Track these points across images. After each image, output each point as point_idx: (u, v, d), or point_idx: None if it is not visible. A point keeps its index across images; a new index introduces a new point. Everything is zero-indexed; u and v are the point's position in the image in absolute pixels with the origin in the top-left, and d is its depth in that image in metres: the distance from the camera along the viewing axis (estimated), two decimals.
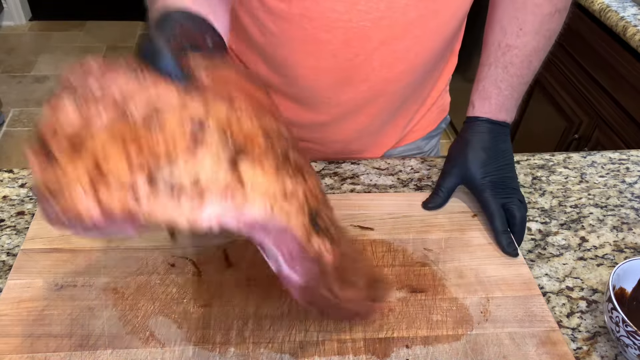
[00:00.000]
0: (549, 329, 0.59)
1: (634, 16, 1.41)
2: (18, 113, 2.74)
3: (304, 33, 0.68)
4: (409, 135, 0.90)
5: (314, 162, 0.83)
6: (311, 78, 0.73)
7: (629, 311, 0.60)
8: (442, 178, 0.74)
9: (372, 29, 0.67)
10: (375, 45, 0.69)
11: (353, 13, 0.65)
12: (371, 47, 0.69)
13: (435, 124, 0.94)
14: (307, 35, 0.68)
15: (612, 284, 0.57)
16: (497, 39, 0.73)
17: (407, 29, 0.68)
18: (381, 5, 0.65)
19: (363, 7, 0.65)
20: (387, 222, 0.71)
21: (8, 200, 0.73)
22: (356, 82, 0.73)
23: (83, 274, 0.61)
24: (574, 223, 0.76)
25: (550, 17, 0.72)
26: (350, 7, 0.65)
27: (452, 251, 0.68)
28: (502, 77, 0.72)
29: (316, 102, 0.77)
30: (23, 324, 0.56)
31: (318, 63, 0.71)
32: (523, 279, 0.65)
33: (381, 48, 0.69)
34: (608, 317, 0.56)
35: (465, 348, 0.57)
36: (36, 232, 0.66)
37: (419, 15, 0.67)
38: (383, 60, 0.71)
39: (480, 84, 0.74)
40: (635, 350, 0.54)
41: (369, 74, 0.72)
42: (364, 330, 0.58)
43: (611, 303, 0.55)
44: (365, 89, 0.74)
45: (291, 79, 0.74)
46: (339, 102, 0.76)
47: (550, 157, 0.89)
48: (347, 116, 0.80)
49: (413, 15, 0.67)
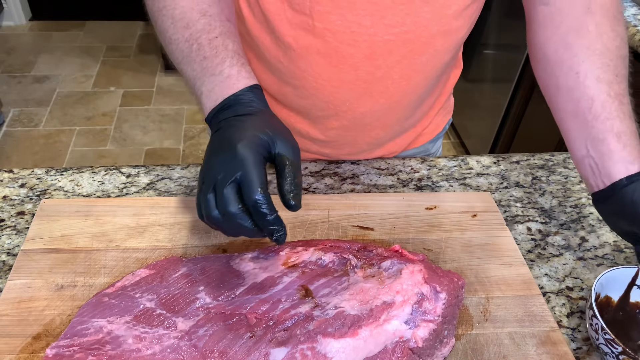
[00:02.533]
0: (549, 329, 0.59)
1: (634, 16, 1.41)
2: (18, 113, 2.73)
3: (326, 46, 0.67)
4: (418, 139, 0.90)
5: (313, 162, 0.84)
6: (329, 90, 0.72)
7: (614, 320, 0.60)
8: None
9: (396, 43, 0.67)
10: (397, 58, 0.68)
11: (379, 27, 0.65)
12: (393, 60, 0.69)
13: (441, 126, 0.94)
14: (329, 48, 0.67)
15: (597, 292, 0.57)
16: (604, 90, 0.62)
17: (429, 43, 0.68)
18: (407, 20, 0.65)
19: (389, 22, 0.65)
20: (387, 222, 0.71)
21: (8, 200, 0.73)
22: (375, 94, 0.73)
23: (83, 274, 0.62)
24: (574, 223, 0.76)
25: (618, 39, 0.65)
26: (377, 21, 0.65)
27: (452, 251, 0.68)
28: (630, 129, 0.62)
29: (330, 114, 0.76)
30: (23, 324, 0.56)
31: (338, 76, 0.70)
32: (523, 279, 0.65)
33: (403, 61, 0.69)
34: (589, 324, 0.56)
35: (465, 348, 0.57)
36: (36, 232, 0.66)
37: (440, 30, 0.67)
38: (403, 72, 0.71)
39: (620, 139, 0.61)
40: (612, 358, 0.54)
41: (389, 86, 0.72)
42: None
43: (592, 310, 0.55)
44: (383, 101, 0.74)
45: (307, 90, 0.73)
46: (354, 115, 0.76)
47: (550, 157, 0.89)
48: (361, 129, 0.79)
49: (435, 30, 0.67)
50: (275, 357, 0.50)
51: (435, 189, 0.80)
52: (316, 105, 0.75)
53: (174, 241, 0.66)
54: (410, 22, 0.65)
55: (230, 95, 0.55)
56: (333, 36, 0.66)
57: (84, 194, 0.74)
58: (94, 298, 0.56)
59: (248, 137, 0.50)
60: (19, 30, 3.46)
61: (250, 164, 0.48)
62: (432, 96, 0.83)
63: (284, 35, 0.68)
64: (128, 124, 2.70)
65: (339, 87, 0.71)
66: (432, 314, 0.55)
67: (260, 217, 0.48)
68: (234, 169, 0.48)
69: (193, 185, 0.77)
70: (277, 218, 0.49)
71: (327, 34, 0.66)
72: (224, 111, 0.55)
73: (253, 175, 0.48)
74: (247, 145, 0.49)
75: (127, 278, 0.59)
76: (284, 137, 0.52)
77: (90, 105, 2.81)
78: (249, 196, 0.48)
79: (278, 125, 0.53)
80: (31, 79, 3.00)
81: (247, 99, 0.55)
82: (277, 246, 0.64)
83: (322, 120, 0.78)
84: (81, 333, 0.52)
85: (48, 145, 2.55)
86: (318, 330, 0.52)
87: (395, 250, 0.63)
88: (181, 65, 0.60)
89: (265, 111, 0.55)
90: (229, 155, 0.49)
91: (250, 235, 0.50)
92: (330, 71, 0.70)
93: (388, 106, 0.75)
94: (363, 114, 0.76)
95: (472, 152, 2.46)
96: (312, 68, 0.70)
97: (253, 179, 0.48)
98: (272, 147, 0.51)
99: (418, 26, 0.66)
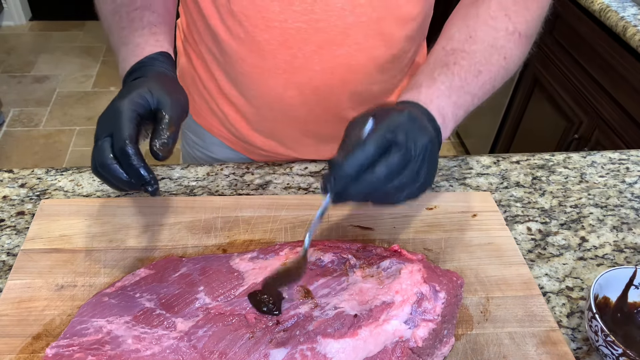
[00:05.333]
0: (549, 329, 0.59)
1: (634, 16, 1.41)
2: (18, 113, 2.74)
3: (245, 31, 0.69)
4: None
5: (313, 162, 0.84)
6: (254, 77, 0.74)
7: (613, 321, 0.60)
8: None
9: (308, 31, 0.67)
10: (313, 48, 0.69)
11: (288, 13, 0.66)
12: (309, 50, 0.69)
13: None
14: (246, 33, 0.69)
15: (595, 293, 0.57)
16: (442, 44, 0.64)
17: (346, 33, 0.68)
18: (316, 7, 0.65)
19: (298, 8, 0.65)
20: (387, 222, 0.71)
21: (8, 200, 0.73)
22: (300, 86, 0.73)
23: (83, 274, 0.62)
24: (574, 223, 0.76)
25: (508, 35, 0.64)
26: (286, 7, 0.65)
27: (452, 251, 0.68)
28: (439, 71, 0.61)
29: (261, 103, 0.77)
30: (23, 324, 0.56)
31: (259, 62, 0.72)
32: (523, 279, 0.65)
33: (320, 52, 0.69)
34: (588, 326, 0.56)
35: (465, 348, 0.57)
36: (36, 232, 0.66)
37: (357, 21, 0.67)
38: (323, 65, 0.70)
39: (412, 78, 0.63)
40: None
41: (310, 78, 0.72)
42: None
43: (591, 311, 0.55)
44: (308, 92, 0.74)
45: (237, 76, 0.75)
46: (283, 106, 0.76)
47: (550, 157, 0.89)
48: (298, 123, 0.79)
49: (351, 21, 0.66)
50: (275, 357, 0.50)
51: (435, 189, 0.80)
52: (248, 93, 0.77)
53: (174, 241, 0.66)
54: (320, 9, 0.65)
55: (135, 63, 0.60)
56: (248, 21, 0.68)
57: (84, 194, 0.74)
58: (93, 298, 0.56)
59: (125, 94, 0.54)
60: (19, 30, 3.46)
61: (121, 118, 0.52)
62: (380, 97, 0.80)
63: (210, 19, 0.71)
64: None
65: (262, 74, 0.73)
66: (431, 314, 0.55)
67: (129, 168, 0.51)
68: (108, 124, 0.53)
69: (193, 186, 0.77)
70: (147, 169, 0.52)
71: (243, 19, 0.68)
72: (129, 76, 0.60)
73: (122, 128, 0.52)
74: (122, 102, 0.53)
75: (127, 278, 0.59)
76: (167, 95, 0.55)
77: (90, 105, 2.81)
78: (116, 147, 0.51)
79: (167, 85, 0.57)
80: (31, 79, 3.00)
81: (149, 64, 0.59)
82: (277, 246, 0.63)
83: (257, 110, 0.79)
84: (80, 333, 0.52)
85: (48, 145, 2.55)
86: (318, 330, 0.52)
87: (395, 250, 0.63)
88: (108, 37, 0.67)
89: (161, 73, 0.59)
90: (107, 112, 0.54)
91: (129, 187, 0.53)
92: (251, 57, 0.72)
93: (317, 99, 0.75)
94: (292, 105, 0.76)
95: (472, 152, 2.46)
96: (237, 53, 0.72)
97: (121, 131, 0.51)
98: (151, 103, 0.54)
99: (330, 15, 0.66)
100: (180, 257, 0.63)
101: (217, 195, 0.75)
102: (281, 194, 0.77)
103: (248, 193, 0.76)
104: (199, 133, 0.91)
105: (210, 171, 0.80)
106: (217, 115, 0.85)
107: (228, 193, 0.76)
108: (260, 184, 0.78)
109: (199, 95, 0.85)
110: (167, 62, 0.62)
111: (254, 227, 0.69)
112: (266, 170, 0.81)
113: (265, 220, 0.70)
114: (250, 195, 0.76)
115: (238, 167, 0.81)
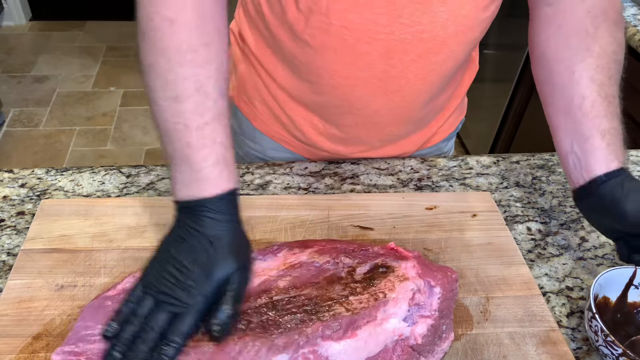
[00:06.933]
0: (549, 328, 0.59)
1: (633, 16, 1.41)
2: (18, 113, 2.73)
3: (343, 44, 0.67)
4: (433, 138, 0.90)
5: (314, 162, 0.84)
6: (345, 87, 0.72)
7: (613, 321, 0.60)
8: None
9: (412, 42, 0.67)
10: (412, 57, 0.69)
11: (395, 26, 0.65)
12: (408, 59, 0.69)
13: (455, 125, 0.94)
14: (346, 46, 0.67)
15: (595, 293, 0.57)
16: (594, 89, 0.66)
17: (445, 42, 0.68)
18: (424, 19, 0.65)
19: (406, 21, 0.65)
20: (387, 222, 0.71)
21: (8, 200, 0.73)
22: (389, 93, 0.73)
23: (83, 274, 0.62)
24: (574, 223, 0.76)
25: (621, 49, 0.70)
26: (394, 20, 0.65)
27: (452, 251, 0.68)
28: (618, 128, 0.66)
29: (345, 111, 0.76)
30: (23, 324, 0.56)
31: (354, 73, 0.70)
32: (523, 279, 0.65)
33: (418, 60, 0.69)
34: (587, 326, 0.56)
35: (465, 348, 0.57)
36: (36, 232, 0.66)
37: (456, 30, 0.67)
38: (418, 72, 0.71)
39: (605, 138, 0.64)
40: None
41: (404, 85, 0.72)
42: None
43: (591, 311, 0.55)
44: (397, 99, 0.74)
45: (322, 87, 0.74)
46: (368, 112, 0.76)
47: (550, 157, 0.89)
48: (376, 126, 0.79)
49: (451, 31, 0.67)
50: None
51: (435, 189, 0.80)
52: (331, 102, 0.75)
53: None
54: (427, 21, 0.65)
55: (204, 198, 0.54)
56: (350, 34, 0.66)
57: (84, 194, 0.74)
58: (95, 301, 0.56)
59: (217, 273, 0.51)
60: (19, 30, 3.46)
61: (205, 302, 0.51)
62: (447, 95, 0.83)
63: (300, 32, 0.68)
64: (128, 124, 2.70)
65: (354, 84, 0.72)
66: (428, 309, 0.55)
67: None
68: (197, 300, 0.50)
69: None
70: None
71: (344, 32, 0.66)
72: (195, 212, 0.54)
73: (195, 317, 0.50)
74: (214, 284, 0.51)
75: (128, 280, 0.59)
76: (239, 272, 0.53)
77: (90, 105, 2.81)
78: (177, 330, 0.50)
79: (241, 255, 0.54)
80: (31, 79, 3.00)
81: (219, 207, 0.54)
82: (275, 248, 0.64)
83: (336, 117, 0.78)
84: (86, 339, 0.52)
85: (48, 145, 2.55)
86: (317, 333, 0.52)
87: (391, 248, 0.63)
88: (160, 131, 0.57)
89: (234, 228, 0.55)
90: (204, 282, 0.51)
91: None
92: (346, 69, 0.70)
93: (402, 104, 0.75)
94: (377, 111, 0.76)
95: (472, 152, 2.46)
96: (329, 65, 0.70)
97: (192, 319, 0.50)
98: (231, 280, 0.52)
99: (435, 26, 0.66)
100: None
101: None
102: (281, 194, 0.77)
103: (248, 193, 0.76)
104: (256, 138, 0.89)
105: None
106: (280, 121, 0.84)
107: None
108: (260, 184, 0.78)
109: (261, 101, 0.83)
110: (236, 203, 0.56)
111: (254, 227, 0.69)
112: (266, 170, 0.81)
113: (265, 220, 0.70)
114: (250, 195, 0.76)
115: (238, 167, 0.81)
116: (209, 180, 0.54)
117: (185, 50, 0.55)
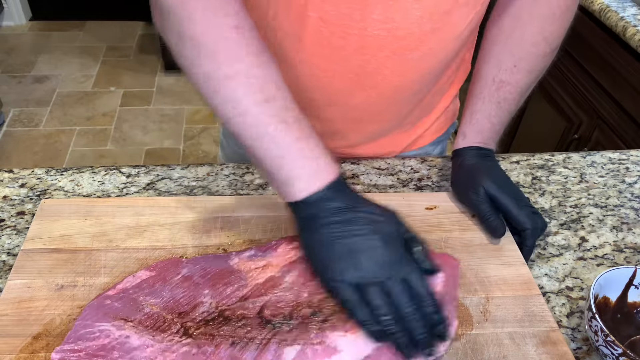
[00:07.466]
0: (549, 329, 0.59)
1: (633, 16, 1.41)
2: (18, 113, 2.74)
3: (319, 36, 0.68)
4: (418, 140, 0.90)
5: None
6: (323, 80, 0.73)
7: (613, 321, 0.60)
8: (476, 207, 0.71)
9: (386, 38, 0.67)
10: (387, 54, 0.69)
11: (368, 21, 0.66)
12: (383, 55, 0.69)
13: (444, 129, 0.94)
14: (322, 38, 0.68)
15: (595, 293, 0.57)
16: (491, 73, 0.74)
17: (422, 40, 0.68)
18: (396, 16, 0.65)
19: (379, 17, 0.65)
20: None
21: (8, 200, 0.73)
22: (367, 88, 0.73)
23: (83, 274, 0.62)
24: (573, 223, 0.76)
25: (544, 57, 0.74)
26: (367, 16, 0.65)
27: (452, 251, 0.68)
28: (495, 113, 0.74)
29: (324, 104, 0.77)
30: (23, 324, 0.56)
31: (332, 66, 0.71)
32: (523, 279, 0.65)
33: (393, 57, 0.70)
34: (587, 326, 0.56)
35: (465, 348, 0.57)
36: (36, 232, 0.66)
37: (433, 28, 0.67)
38: (394, 68, 0.71)
39: (473, 116, 0.75)
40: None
41: (380, 81, 0.72)
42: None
43: (591, 311, 0.55)
44: (375, 94, 0.75)
45: (304, 78, 0.74)
46: (348, 107, 0.77)
47: (550, 157, 0.89)
48: (356, 122, 0.80)
49: (428, 28, 0.67)
50: (286, 356, 0.50)
51: (435, 189, 0.80)
52: (312, 94, 0.76)
53: (174, 241, 0.66)
54: (400, 18, 0.66)
55: (333, 181, 0.56)
56: (325, 27, 0.67)
57: (84, 194, 0.74)
58: (95, 300, 0.56)
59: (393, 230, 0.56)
60: (19, 30, 3.46)
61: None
62: (432, 95, 0.83)
63: (283, 22, 0.69)
64: (128, 124, 2.70)
65: (332, 77, 0.73)
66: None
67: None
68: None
69: (193, 186, 0.77)
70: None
71: (320, 24, 0.67)
72: (339, 194, 0.56)
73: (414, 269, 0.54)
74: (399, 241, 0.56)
75: (128, 280, 0.59)
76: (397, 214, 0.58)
77: (90, 105, 2.81)
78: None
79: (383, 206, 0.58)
80: (31, 79, 3.00)
81: (345, 182, 0.58)
82: (274, 243, 0.64)
83: (317, 110, 0.78)
84: (85, 337, 0.52)
85: (48, 145, 2.55)
86: (324, 325, 0.53)
87: None
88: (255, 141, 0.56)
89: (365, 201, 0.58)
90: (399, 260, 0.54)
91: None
92: (324, 62, 0.71)
93: (380, 100, 0.76)
94: (356, 106, 0.77)
95: None
96: (308, 57, 0.71)
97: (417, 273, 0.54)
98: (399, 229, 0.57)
99: (409, 23, 0.66)
100: (180, 257, 0.63)
101: (217, 195, 0.75)
102: None
103: (248, 193, 0.77)
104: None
105: (210, 171, 0.80)
106: None
107: (228, 193, 0.76)
108: (260, 184, 0.78)
109: None
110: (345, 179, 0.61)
111: (254, 227, 0.69)
112: None
113: (265, 220, 0.70)
114: (250, 195, 0.76)
115: (238, 167, 0.81)
116: (327, 164, 0.57)
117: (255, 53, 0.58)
